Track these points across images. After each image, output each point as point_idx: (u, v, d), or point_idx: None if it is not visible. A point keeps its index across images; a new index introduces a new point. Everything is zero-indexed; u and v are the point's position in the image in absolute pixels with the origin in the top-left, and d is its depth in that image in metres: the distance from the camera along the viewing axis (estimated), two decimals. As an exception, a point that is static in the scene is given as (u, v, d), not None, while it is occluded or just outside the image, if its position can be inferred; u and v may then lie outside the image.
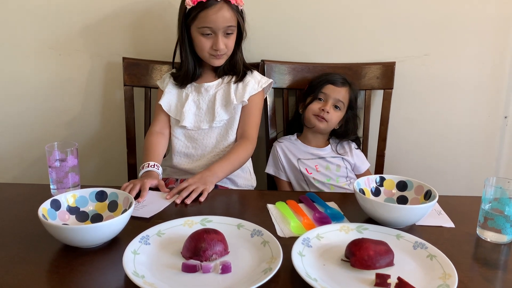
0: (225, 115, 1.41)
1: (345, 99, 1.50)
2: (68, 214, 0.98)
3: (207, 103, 1.42)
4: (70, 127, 1.73)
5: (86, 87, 1.69)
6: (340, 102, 1.49)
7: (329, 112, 1.47)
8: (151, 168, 1.29)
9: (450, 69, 1.66)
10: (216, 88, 1.43)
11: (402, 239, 0.92)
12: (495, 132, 1.73)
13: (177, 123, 1.43)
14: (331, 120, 1.48)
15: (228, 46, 1.36)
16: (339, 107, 1.49)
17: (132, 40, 1.63)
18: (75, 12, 1.60)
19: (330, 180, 1.50)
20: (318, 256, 0.87)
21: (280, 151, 1.54)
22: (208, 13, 1.29)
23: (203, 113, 1.42)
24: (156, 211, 1.07)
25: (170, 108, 1.44)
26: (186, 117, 1.40)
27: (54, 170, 1.11)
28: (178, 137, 1.45)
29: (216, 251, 0.84)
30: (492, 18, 1.60)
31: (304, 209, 1.10)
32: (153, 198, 1.14)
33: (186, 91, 1.44)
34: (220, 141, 1.44)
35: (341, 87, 1.50)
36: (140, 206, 1.09)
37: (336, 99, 1.49)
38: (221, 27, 1.31)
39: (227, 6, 1.30)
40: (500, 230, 0.95)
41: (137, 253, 0.85)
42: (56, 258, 0.87)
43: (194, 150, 1.44)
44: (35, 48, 1.64)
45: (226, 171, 1.31)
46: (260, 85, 1.44)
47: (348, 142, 1.57)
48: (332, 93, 1.48)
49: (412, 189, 1.09)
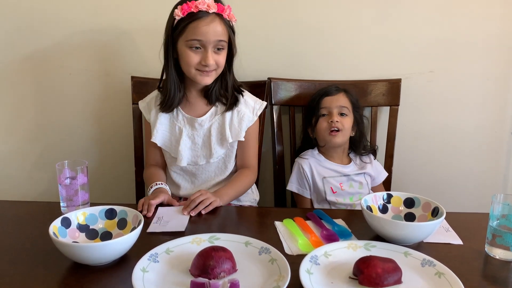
0: (222, 151, 1.37)
1: (346, 103, 1.49)
2: (78, 232, 0.99)
3: (203, 138, 1.37)
4: (79, 145, 1.75)
5: (95, 105, 1.72)
6: (343, 108, 1.47)
7: (339, 121, 1.45)
8: (159, 185, 1.30)
9: (455, 86, 1.67)
10: (210, 121, 1.36)
11: (410, 257, 0.92)
12: (502, 148, 1.73)
13: (173, 160, 1.39)
14: (344, 128, 1.46)
15: (218, 62, 1.27)
16: (345, 113, 1.47)
17: (140, 59, 1.66)
18: (84, 31, 1.64)
19: (352, 199, 1.48)
20: (326, 274, 0.87)
21: (307, 169, 1.49)
22: (199, 24, 1.22)
23: (199, 148, 1.38)
24: (184, 224, 1.09)
25: (165, 144, 1.39)
26: (183, 156, 1.36)
27: (65, 188, 1.13)
28: (176, 171, 1.43)
29: (224, 269, 0.85)
30: (496, 34, 1.62)
31: (312, 226, 1.10)
32: (172, 214, 1.16)
33: (179, 124, 1.37)
34: (218, 174, 1.42)
35: (337, 94, 1.49)
36: (164, 222, 1.10)
37: (339, 106, 1.47)
38: (212, 41, 1.24)
39: (219, 19, 1.24)
40: (508, 247, 0.95)
41: (146, 270, 0.85)
42: (66, 275, 0.88)
43: (192, 182, 1.43)
44: (45, 67, 1.68)
45: (232, 196, 1.30)
46: (254, 113, 1.39)
47: (368, 155, 1.57)
48: (332, 103, 1.47)
49: (419, 206, 1.09)
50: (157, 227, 1.07)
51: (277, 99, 1.60)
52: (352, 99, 1.51)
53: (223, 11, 1.24)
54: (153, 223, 1.10)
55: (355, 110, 1.51)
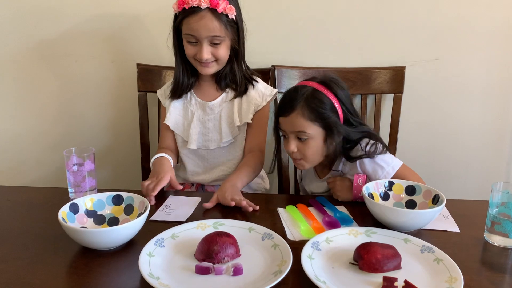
0: (231, 135, 1.39)
1: (304, 125, 1.14)
2: (86, 217, 1.01)
3: (213, 122, 1.39)
4: (85, 132, 1.78)
5: (101, 93, 1.74)
6: (300, 133, 1.16)
7: (296, 150, 1.18)
8: (161, 154, 1.33)
9: (460, 73, 1.67)
10: (221, 106, 1.39)
11: (410, 243, 0.94)
12: (506, 135, 1.74)
13: (184, 143, 1.42)
14: (307, 159, 1.20)
15: (217, 55, 1.28)
16: (303, 137, 1.16)
17: (146, 47, 1.67)
18: (90, 18, 1.65)
19: None
20: (327, 259, 0.89)
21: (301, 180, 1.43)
22: (190, 21, 1.23)
23: (209, 133, 1.40)
24: (187, 214, 1.10)
25: (177, 127, 1.41)
26: (193, 139, 1.39)
27: (72, 174, 1.16)
28: (187, 155, 1.45)
29: (228, 254, 0.87)
30: (502, 22, 1.61)
31: (314, 212, 1.12)
32: (180, 203, 1.18)
33: (192, 108, 1.40)
34: (229, 158, 1.43)
35: (290, 114, 1.16)
36: (169, 211, 1.13)
37: (293, 131, 1.17)
38: (204, 37, 1.24)
39: (211, 14, 1.22)
40: (507, 234, 0.96)
41: (152, 255, 0.88)
42: (75, 259, 0.91)
43: (203, 166, 1.45)
44: (51, 55, 1.69)
45: (245, 182, 1.29)
46: (264, 98, 1.38)
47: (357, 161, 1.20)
48: (285, 127, 1.19)
49: (420, 194, 1.11)
50: (161, 215, 1.10)
51: (281, 86, 1.61)
52: (315, 113, 1.14)
53: (216, 5, 1.21)
54: (159, 210, 1.12)
55: (324, 121, 1.15)
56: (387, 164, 1.19)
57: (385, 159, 1.19)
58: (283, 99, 1.20)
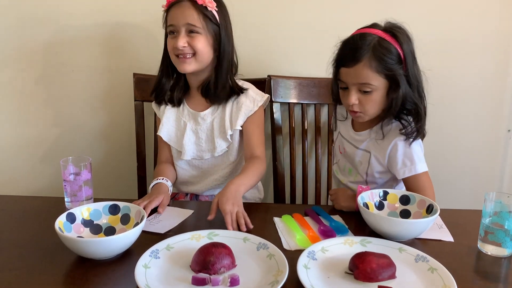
0: (225, 144, 1.39)
1: (369, 76, 1.09)
2: (83, 227, 1.02)
3: (206, 132, 1.39)
4: (82, 142, 1.78)
5: (98, 102, 1.74)
6: (364, 85, 1.11)
7: (357, 102, 1.13)
8: (159, 180, 1.31)
9: (452, 84, 1.69)
10: (213, 116, 1.39)
11: (404, 252, 0.95)
12: (499, 145, 1.76)
13: (179, 154, 1.42)
14: (366, 113, 1.15)
15: (193, 46, 1.27)
16: (367, 90, 1.11)
17: (142, 56, 1.68)
18: (86, 27, 1.66)
19: (351, 171, 1.29)
20: (323, 269, 0.90)
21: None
22: (171, 12, 1.28)
23: (203, 143, 1.40)
24: (170, 227, 1.09)
25: (170, 138, 1.42)
26: (187, 150, 1.39)
27: (69, 183, 1.16)
28: (181, 166, 1.45)
29: (224, 265, 0.88)
30: (494, 32, 1.64)
31: (310, 222, 1.13)
32: (169, 215, 1.17)
33: (184, 118, 1.40)
34: (222, 167, 1.43)
35: (355, 65, 1.10)
36: (155, 221, 1.13)
37: (356, 83, 1.12)
38: (181, 24, 1.26)
39: (189, 3, 1.26)
40: (500, 243, 0.97)
41: (148, 267, 0.88)
42: (71, 269, 0.91)
43: (197, 176, 1.45)
44: (47, 63, 1.70)
45: (248, 186, 1.25)
46: (255, 103, 1.37)
47: (397, 136, 1.16)
48: (348, 78, 1.13)
49: (414, 203, 1.12)
50: (147, 224, 1.09)
51: (277, 96, 1.63)
52: (383, 63, 1.09)
53: None
54: (147, 219, 1.10)
55: (390, 72, 1.10)
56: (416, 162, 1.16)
57: (419, 155, 1.16)
58: (345, 48, 1.13)
